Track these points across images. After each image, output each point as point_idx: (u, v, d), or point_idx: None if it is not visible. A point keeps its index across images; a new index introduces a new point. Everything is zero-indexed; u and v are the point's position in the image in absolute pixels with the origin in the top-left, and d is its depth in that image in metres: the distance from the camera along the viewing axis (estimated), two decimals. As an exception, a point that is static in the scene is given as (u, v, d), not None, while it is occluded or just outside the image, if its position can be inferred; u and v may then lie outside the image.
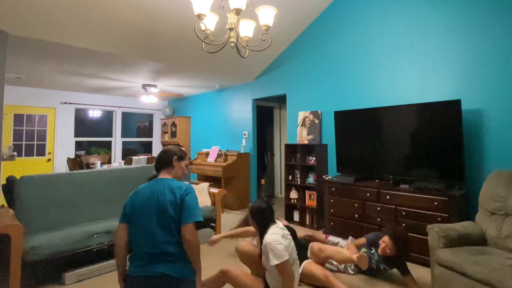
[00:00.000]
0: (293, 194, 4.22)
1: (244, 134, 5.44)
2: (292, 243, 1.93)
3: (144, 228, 1.42)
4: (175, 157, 1.59)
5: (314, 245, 2.48)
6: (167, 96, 6.67)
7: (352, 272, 2.56)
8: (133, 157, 5.72)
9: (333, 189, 3.45)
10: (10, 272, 2.05)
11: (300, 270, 2.37)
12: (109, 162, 6.45)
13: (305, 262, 2.42)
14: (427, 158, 2.89)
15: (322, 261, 2.47)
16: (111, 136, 6.93)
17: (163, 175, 1.57)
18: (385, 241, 2.34)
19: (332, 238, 2.89)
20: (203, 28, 1.99)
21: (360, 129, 3.44)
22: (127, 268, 1.47)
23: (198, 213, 1.47)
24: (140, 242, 1.42)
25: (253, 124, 5.38)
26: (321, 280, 2.25)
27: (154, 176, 1.61)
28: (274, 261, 1.70)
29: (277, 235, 1.81)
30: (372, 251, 2.48)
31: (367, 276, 2.53)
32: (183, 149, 1.71)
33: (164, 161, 1.59)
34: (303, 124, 4.36)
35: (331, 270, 2.52)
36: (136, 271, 1.37)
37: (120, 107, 6.96)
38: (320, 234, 2.97)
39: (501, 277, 1.67)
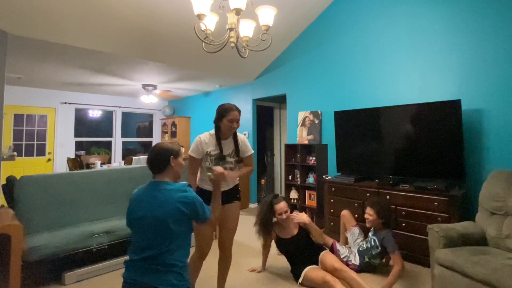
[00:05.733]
0: (293, 194, 4.22)
1: (244, 134, 5.42)
2: None
3: (142, 237, 1.39)
4: (171, 156, 1.46)
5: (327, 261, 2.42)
6: (167, 96, 6.67)
7: (354, 262, 2.58)
8: (133, 157, 5.72)
9: (333, 189, 3.45)
10: (10, 272, 2.05)
11: (301, 278, 2.36)
12: (109, 162, 6.45)
13: (306, 269, 2.37)
14: (427, 158, 2.89)
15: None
16: (111, 136, 6.93)
17: (161, 178, 1.47)
18: (367, 211, 2.57)
19: (340, 249, 2.70)
20: (203, 28, 1.99)
21: (360, 129, 3.44)
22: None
23: (207, 211, 1.50)
24: (138, 248, 1.39)
25: (253, 124, 5.38)
26: (321, 286, 2.21)
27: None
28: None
29: None
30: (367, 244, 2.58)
31: (366, 273, 2.54)
32: (177, 143, 1.63)
33: (161, 165, 1.45)
34: (303, 124, 4.36)
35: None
36: (130, 277, 1.35)
37: (120, 107, 6.96)
38: (327, 238, 2.79)
39: (501, 277, 1.67)
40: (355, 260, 2.60)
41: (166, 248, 1.37)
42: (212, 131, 2.06)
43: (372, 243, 2.54)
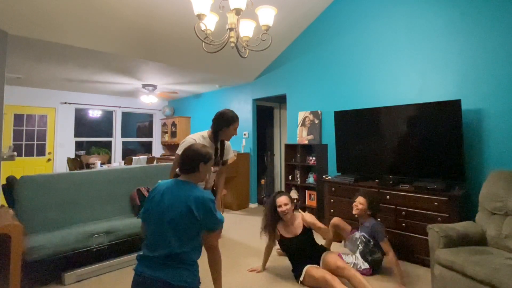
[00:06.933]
0: (293, 194, 4.22)
1: (244, 134, 5.44)
2: None
3: (156, 234, 1.42)
4: (201, 163, 1.54)
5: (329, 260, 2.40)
6: (168, 97, 6.67)
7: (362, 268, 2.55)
8: (133, 157, 5.73)
9: (333, 189, 3.45)
10: (10, 272, 2.05)
11: (302, 276, 2.36)
12: (109, 162, 6.46)
13: (307, 267, 2.36)
14: (427, 158, 2.89)
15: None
16: (111, 136, 6.93)
17: (186, 179, 1.54)
18: (358, 200, 2.65)
19: (347, 259, 2.63)
20: (203, 28, 1.99)
21: (360, 129, 3.44)
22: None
23: (219, 220, 1.50)
24: (152, 244, 1.42)
25: (253, 124, 5.38)
26: (321, 284, 2.21)
27: (177, 174, 1.58)
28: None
29: None
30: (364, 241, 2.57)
31: (368, 276, 2.53)
32: (208, 148, 1.62)
33: (190, 167, 1.53)
34: (303, 124, 4.36)
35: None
36: (142, 271, 1.38)
37: (120, 107, 6.96)
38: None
39: (501, 277, 1.67)
40: (364, 264, 2.55)
41: (179, 250, 1.38)
42: (205, 134, 2.08)
43: (363, 239, 2.55)
